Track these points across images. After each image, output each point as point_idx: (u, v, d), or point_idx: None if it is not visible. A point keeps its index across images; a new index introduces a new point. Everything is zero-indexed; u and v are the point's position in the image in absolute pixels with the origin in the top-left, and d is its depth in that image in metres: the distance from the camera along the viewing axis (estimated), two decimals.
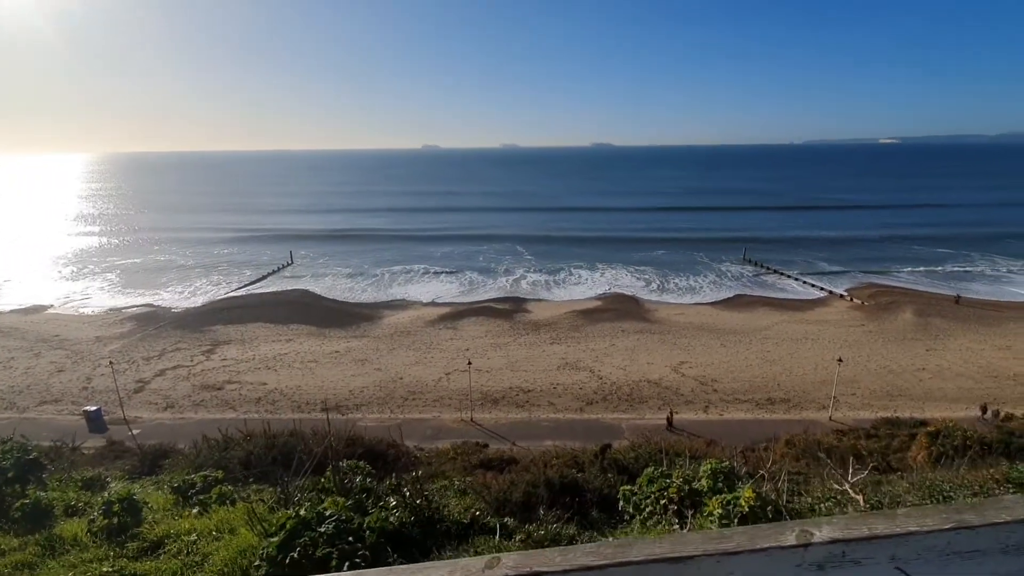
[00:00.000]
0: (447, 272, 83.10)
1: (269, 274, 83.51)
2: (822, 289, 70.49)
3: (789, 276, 77.13)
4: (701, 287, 73.00)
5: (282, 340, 55.02)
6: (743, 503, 4.55)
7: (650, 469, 6.40)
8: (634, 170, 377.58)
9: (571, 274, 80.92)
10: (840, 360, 41.81)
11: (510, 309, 64.38)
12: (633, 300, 67.51)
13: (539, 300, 68.54)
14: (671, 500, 5.30)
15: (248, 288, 76.30)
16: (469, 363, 42.63)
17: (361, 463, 7.26)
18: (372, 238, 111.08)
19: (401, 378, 45.81)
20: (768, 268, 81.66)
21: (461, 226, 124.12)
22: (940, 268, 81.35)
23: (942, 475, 6.15)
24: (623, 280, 76.71)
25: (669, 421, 37.17)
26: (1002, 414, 35.91)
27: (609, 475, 9.36)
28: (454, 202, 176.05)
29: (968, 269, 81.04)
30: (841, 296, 67.43)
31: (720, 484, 5.26)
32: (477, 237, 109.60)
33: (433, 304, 67.42)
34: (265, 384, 44.93)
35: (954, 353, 49.05)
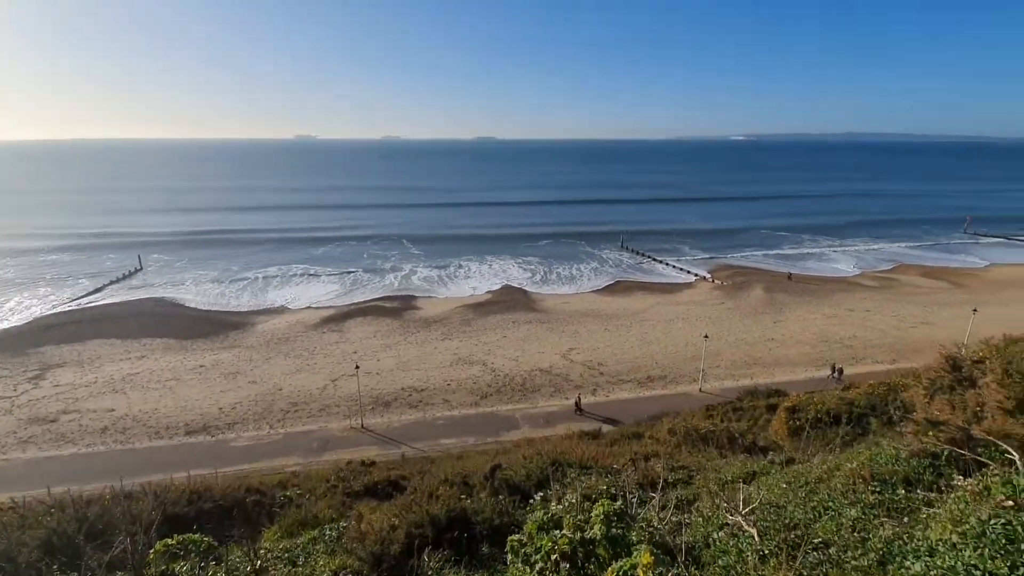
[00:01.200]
0: (329, 273, 77.85)
1: (111, 283, 72.10)
2: (689, 272, 77.35)
3: (661, 262, 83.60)
4: (584, 276, 76.40)
5: (132, 357, 47.76)
6: (640, 573, 4.09)
7: (539, 512, 5.86)
8: (517, 164, 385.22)
9: (461, 268, 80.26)
10: (706, 336, 45.98)
11: (399, 307, 62.13)
12: (522, 292, 68.65)
13: (429, 296, 66.98)
14: (563, 555, 4.75)
15: (86, 300, 65.19)
16: (357, 367, 40.21)
17: (196, 537, 5.83)
18: (240, 240, 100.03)
19: (280, 389, 42.00)
20: (643, 255, 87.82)
21: (343, 223, 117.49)
22: (779, 250, 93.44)
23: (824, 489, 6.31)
24: (512, 272, 77.75)
25: (578, 405, 38.56)
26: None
27: (501, 496, 8.77)
28: (334, 198, 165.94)
29: (801, 251, 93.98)
30: (705, 278, 74.52)
31: (614, 529, 4.83)
32: (361, 235, 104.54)
33: (315, 307, 62.82)
34: (113, 410, 38.63)
35: (794, 323, 56.33)
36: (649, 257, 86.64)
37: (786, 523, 5.15)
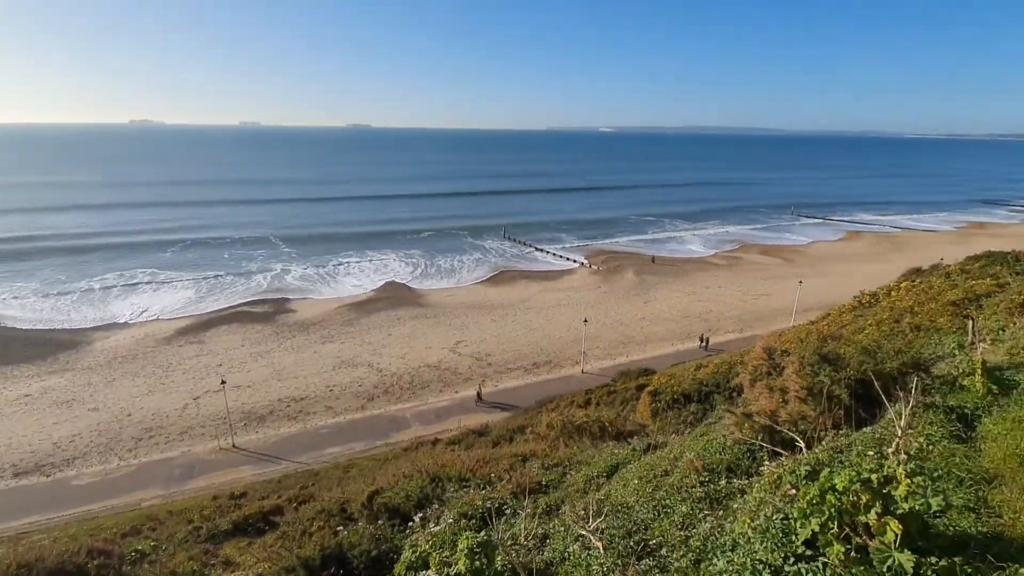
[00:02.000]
0: (184, 278, 69.38)
1: None
2: (568, 259, 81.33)
3: (543, 250, 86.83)
4: (469, 267, 76.86)
5: None
6: None
7: (407, 552, 5.86)
8: (393, 153, 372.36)
9: (340, 266, 76.45)
10: (586, 321, 48.82)
11: (271, 311, 57.64)
12: (406, 287, 67.35)
13: (305, 297, 62.95)
14: None
15: None
16: (223, 381, 36.67)
17: None
18: (65, 247, 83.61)
19: (130, 414, 37.11)
20: (525, 244, 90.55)
21: (197, 222, 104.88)
22: (646, 235, 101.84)
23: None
24: (395, 268, 75.84)
25: (479, 395, 38.97)
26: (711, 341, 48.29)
27: (380, 522, 8.64)
28: (183, 193, 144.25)
29: (663, 235, 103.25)
30: (583, 264, 78.87)
31: (477, 561, 5.02)
32: (219, 234, 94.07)
33: (167, 318, 55.99)
34: None
35: (661, 302, 61.89)
36: (531, 246, 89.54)
37: (631, 528, 5.74)
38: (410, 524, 8.12)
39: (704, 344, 48.55)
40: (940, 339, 12.45)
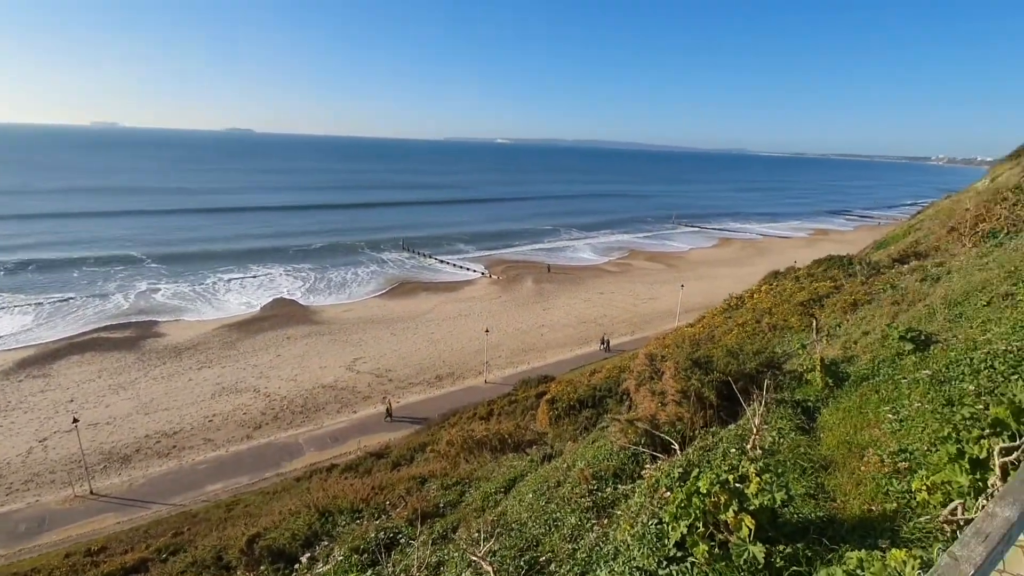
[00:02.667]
0: (21, 302, 59.38)
1: None
2: (469, 270, 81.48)
3: (443, 261, 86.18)
4: (366, 281, 74.04)
5: None
6: None
7: None
8: (278, 161, 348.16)
9: (219, 283, 69.81)
10: (487, 331, 49.11)
11: (135, 336, 51.17)
12: (296, 304, 63.25)
13: (177, 320, 56.66)
14: None
15: None
16: (75, 419, 31.82)
17: None
18: None
19: None
20: (425, 255, 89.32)
21: (39, 238, 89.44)
22: (542, 244, 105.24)
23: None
24: (283, 284, 70.88)
25: (388, 412, 37.59)
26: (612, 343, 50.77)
27: (263, 568, 7.89)
28: (14, 205, 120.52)
29: (559, 244, 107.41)
30: (483, 274, 79.46)
31: None
32: (69, 251, 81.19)
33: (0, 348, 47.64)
34: None
35: (560, 309, 64.07)
36: (431, 257, 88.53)
37: (523, 546, 5.78)
38: (296, 567, 7.50)
39: (605, 346, 51.07)
40: (792, 337, 14.17)
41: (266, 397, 40.26)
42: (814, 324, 13.59)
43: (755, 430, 5.80)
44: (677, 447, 6.57)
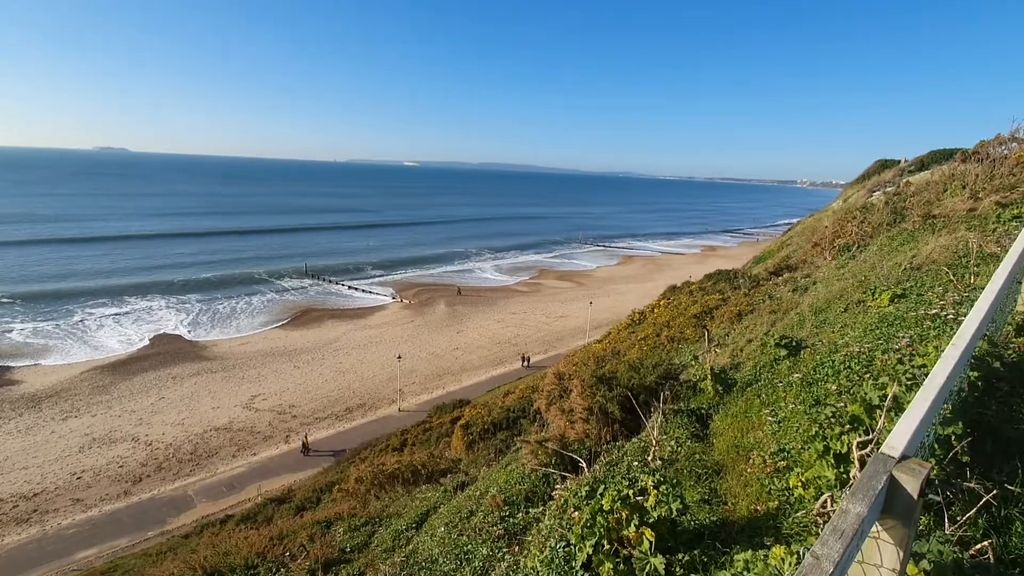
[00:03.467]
0: None
1: None
2: (379, 295, 79.04)
3: (351, 287, 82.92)
4: (266, 311, 69.04)
5: None
6: None
7: None
8: (164, 183, 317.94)
9: (88, 320, 61.71)
10: (399, 357, 47.77)
11: None
12: (183, 340, 57.50)
13: (36, 363, 49.13)
14: None
15: None
16: None
17: None
18: None
19: None
20: (332, 281, 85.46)
21: None
22: (455, 266, 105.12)
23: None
24: (167, 318, 64.14)
25: (305, 446, 35.61)
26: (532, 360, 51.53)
27: None
28: None
29: (471, 265, 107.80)
30: (394, 299, 77.44)
31: None
32: None
33: None
34: None
35: (474, 331, 63.90)
36: (338, 283, 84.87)
37: None
38: None
39: (527, 363, 51.69)
40: (688, 348, 15.17)
41: (147, 446, 35.91)
42: (706, 335, 14.64)
43: (654, 442, 6.03)
44: (585, 465, 6.67)
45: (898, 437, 2.59)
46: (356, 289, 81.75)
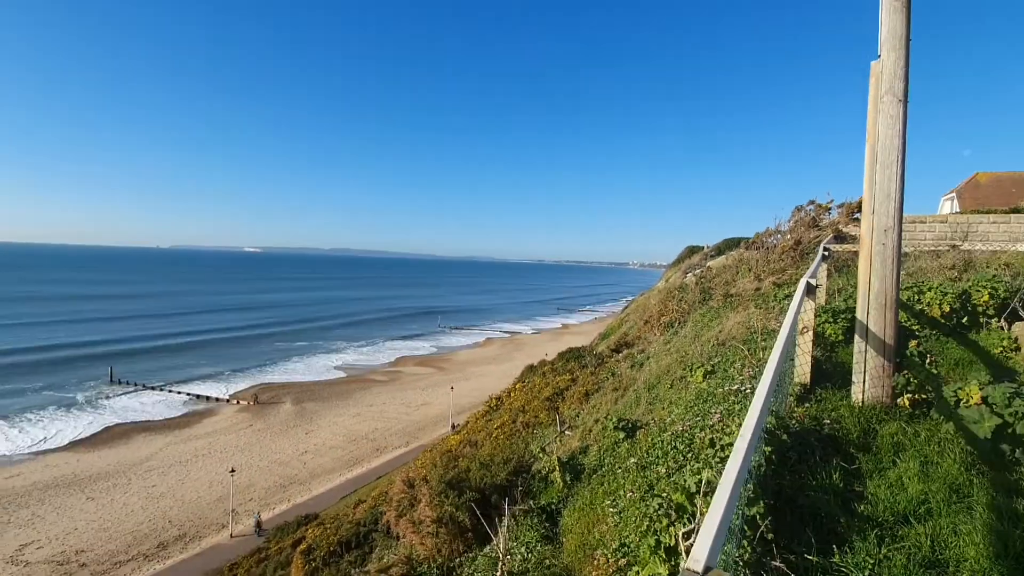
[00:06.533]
0: None
1: None
2: (208, 398, 68.82)
3: (170, 390, 71.20)
4: (50, 428, 55.29)
5: None
6: None
7: None
8: None
9: None
10: (232, 471, 41.31)
11: None
12: None
13: None
14: None
15: None
16: None
17: None
18: None
19: None
20: (144, 385, 72.54)
21: None
22: (301, 358, 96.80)
23: None
24: None
25: None
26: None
27: None
28: None
29: (323, 355, 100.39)
30: (228, 401, 68.04)
31: None
32: None
33: None
34: None
35: (326, 430, 58.31)
36: (152, 387, 72.35)
37: None
38: None
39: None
40: (542, 433, 15.34)
41: None
42: (557, 418, 14.99)
43: (502, 553, 5.67)
44: None
45: (700, 548, 2.63)
46: (179, 393, 70.34)
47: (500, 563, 5.49)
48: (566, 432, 14.09)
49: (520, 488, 8.52)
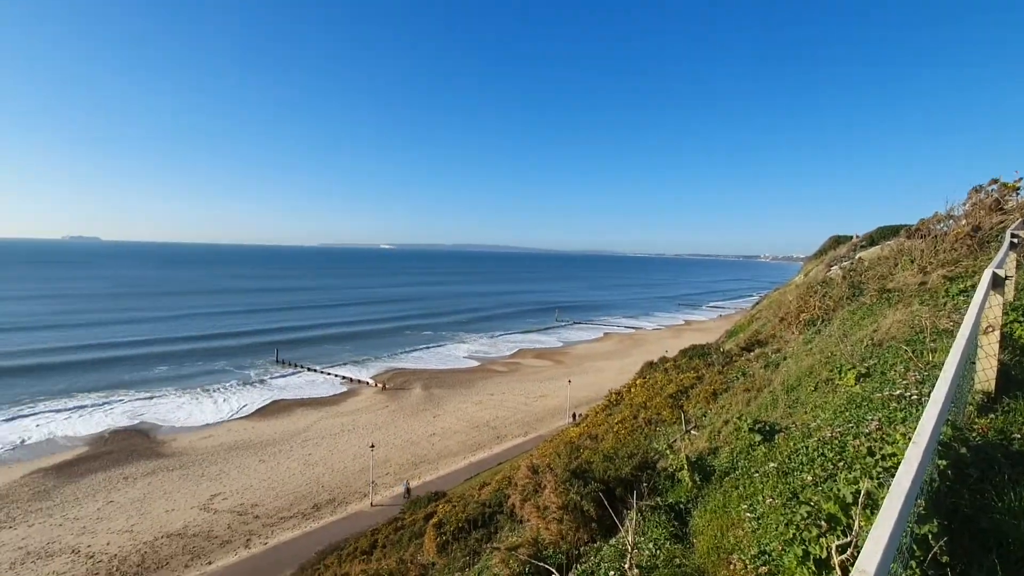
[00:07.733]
0: None
1: None
2: (351, 380, 76.78)
3: (322, 372, 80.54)
4: (230, 400, 65.80)
5: None
6: None
7: None
8: (124, 268, 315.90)
9: (21, 417, 57.34)
10: (372, 446, 45.63)
11: None
12: (140, 433, 54.05)
13: None
14: None
15: None
16: None
17: None
18: None
19: None
20: (301, 367, 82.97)
21: None
22: (432, 347, 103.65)
23: None
24: (121, 410, 60.56)
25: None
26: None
27: None
28: None
29: (450, 345, 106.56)
30: (368, 383, 75.25)
31: None
32: None
33: None
34: None
35: (451, 414, 61.95)
36: (309, 369, 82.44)
37: None
38: None
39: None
40: (666, 430, 14.83)
41: (88, 559, 32.48)
42: (682, 416, 14.40)
43: (630, 546, 5.66)
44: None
45: (868, 558, 2.43)
46: (328, 375, 79.37)
47: (628, 556, 5.48)
48: (692, 431, 13.50)
49: (645, 484, 8.38)
